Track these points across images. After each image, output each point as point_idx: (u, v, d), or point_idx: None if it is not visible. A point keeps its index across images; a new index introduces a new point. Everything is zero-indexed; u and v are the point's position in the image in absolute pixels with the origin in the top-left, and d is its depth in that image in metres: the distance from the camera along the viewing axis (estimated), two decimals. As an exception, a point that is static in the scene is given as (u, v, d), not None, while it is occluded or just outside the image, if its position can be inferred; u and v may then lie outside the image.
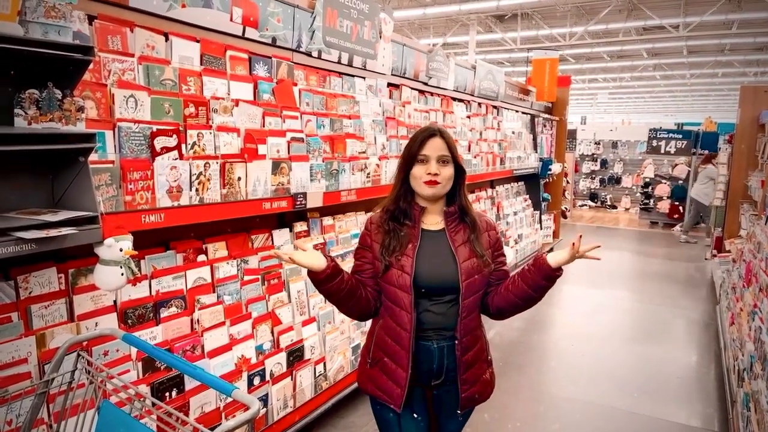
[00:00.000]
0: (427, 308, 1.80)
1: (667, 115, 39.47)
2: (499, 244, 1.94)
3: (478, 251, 1.82)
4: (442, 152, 1.78)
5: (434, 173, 1.77)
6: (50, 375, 1.63)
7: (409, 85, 4.89)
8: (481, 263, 1.82)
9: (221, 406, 2.50)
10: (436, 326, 1.80)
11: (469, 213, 1.87)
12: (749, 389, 2.91)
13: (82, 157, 1.84)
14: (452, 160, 1.81)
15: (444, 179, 1.79)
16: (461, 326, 1.80)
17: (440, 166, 1.78)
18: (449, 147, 1.80)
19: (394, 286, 1.79)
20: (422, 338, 1.80)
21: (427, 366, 1.80)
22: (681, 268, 8.17)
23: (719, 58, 19.19)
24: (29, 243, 1.63)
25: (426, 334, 1.80)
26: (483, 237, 1.87)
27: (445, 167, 1.79)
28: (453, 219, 1.86)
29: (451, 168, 1.81)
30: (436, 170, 1.77)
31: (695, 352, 4.79)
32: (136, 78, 2.35)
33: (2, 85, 1.72)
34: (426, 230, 1.86)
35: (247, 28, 3.00)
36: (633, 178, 15.05)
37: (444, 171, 1.79)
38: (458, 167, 1.84)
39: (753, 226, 5.03)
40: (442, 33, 17.08)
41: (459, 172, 1.85)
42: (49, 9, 1.73)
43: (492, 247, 1.89)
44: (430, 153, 1.78)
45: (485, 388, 1.90)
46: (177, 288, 2.54)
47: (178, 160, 2.32)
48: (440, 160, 1.78)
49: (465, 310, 1.80)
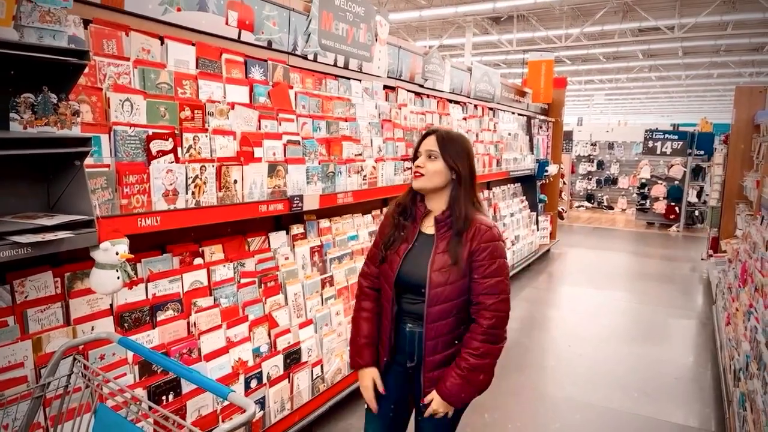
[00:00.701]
0: (408, 300, 1.90)
1: (663, 116, 39.58)
2: (486, 255, 1.82)
3: (453, 256, 1.81)
4: (430, 147, 1.87)
5: (418, 165, 1.87)
6: (46, 379, 1.63)
7: (405, 87, 4.90)
8: (455, 273, 1.80)
9: (218, 409, 2.50)
10: (414, 314, 1.89)
11: (461, 219, 1.85)
12: (745, 389, 2.92)
13: (77, 161, 1.84)
14: (441, 156, 1.86)
15: (428, 172, 1.86)
16: (427, 329, 1.84)
17: (427, 160, 1.87)
18: (439, 144, 1.87)
19: (383, 280, 1.94)
20: (403, 322, 1.92)
21: (403, 348, 1.92)
22: (677, 268, 8.20)
23: (714, 59, 19.26)
24: (25, 247, 1.63)
25: (404, 321, 1.92)
26: (466, 245, 1.82)
27: (431, 162, 1.87)
28: (443, 225, 1.88)
29: (440, 164, 1.86)
30: (421, 163, 1.87)
31: (692, 352, 4.80)
32: (131, 82, 2.35)
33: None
34: (422, 233, 1.92)
35: (243, 32, 3.01)
36: (629, 179, 15.10)
37: (429, 165, 1.86)
38: (457, 172, 1.87)
39: (749, 226, 5.05)
40: (438, 35, 17.12)
41: (459, 178, 1.87)
42: (44, 13, 1.73)
43: (472, 255, 1.82)
44: (422, 149, 1.90)
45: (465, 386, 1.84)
46: (173, 291, 2.54)
47: (174, 163, 2.32)
48: (427, 154, 1.88)
49: (431, 315, 1.83)
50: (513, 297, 6.23)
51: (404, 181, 4.11)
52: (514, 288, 6.70)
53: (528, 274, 7.49)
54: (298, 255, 3.36)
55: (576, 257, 8.98)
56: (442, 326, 1.83)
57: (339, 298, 3.52)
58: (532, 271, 7.66)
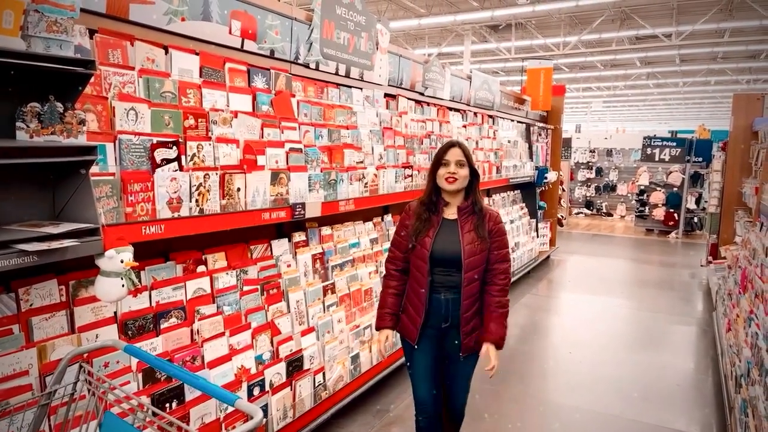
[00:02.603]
0: (439, 273, 2.42)
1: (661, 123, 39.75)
2: (498, 233, 2.47)
3: (480, 234, 2.41)
4: (459, 158, 2.42)
5: (452, 172, 2.40)
6: (52, 387, 1.63)
7: (405, 95, 4.93)
8: (482, 245, 2.40)
9: (221, 417, 2.50)
10: (446, 285, 2.42)
11: (478, 207, 2.46)
12: (747, 395, 2.93)
13: (83, 170, 1.86)
14: (468, 164, 2.43)
15: (460, 177, 2.41)
16: (464, 291, 2.40)
17: (457, 167, 2.41)
18: (465, 154, 2.43)
19: (417, 258, 2.45)
20: (435, 292, 2.43)
21: (438, 312, 2.43)
22: (677, 274, 8.21)
23: (712, 67, 19.38)
24: (31, 255, 1.64)
25: (438, 291, 2.43)
26: (485, 225, 2.44)
27: (461, 169, 2.42)
28: (465, 212, 2.46)
29: (467, 170, 2.43)
30: (454, 170, 2.41)
31: (693, 358, 4.80)
32: (136, 91, 2.37)
33: (4, 99, 1.74)
34: (445, 219, 2.48)
35: (246, 41, 3.04)
36: (628, 186, 15.13)
37: (460, 171, 2.41)
38: (473, 172, 2.47)
39: (748, 232, 5.07)
40: (437, 43, 17.21)
41: (474, 176, 2.47)
42: (50, 24, 1.75)
43: (490, 233, 2.44)
44: (450, 158, 2.42)
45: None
46: (177, 299, 2.55)
47: (178, 171, 2.34)
48: (458, 163, 2.41)
49: (467, 279, 2.39)
50: (513, 303, 6.27)
51: (405, 189, 4.12)
52: (514, 295, 6.70)
53: (528, 280, 7.50)
54: (300, 262, 3.37)
55: (576, 264, 8.99)
56: (472, 288, 2.41)
57: (341, 306, 3.52)
58: (532, 278, 7.66)
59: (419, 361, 2.51)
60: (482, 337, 2.42)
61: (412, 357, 2.54)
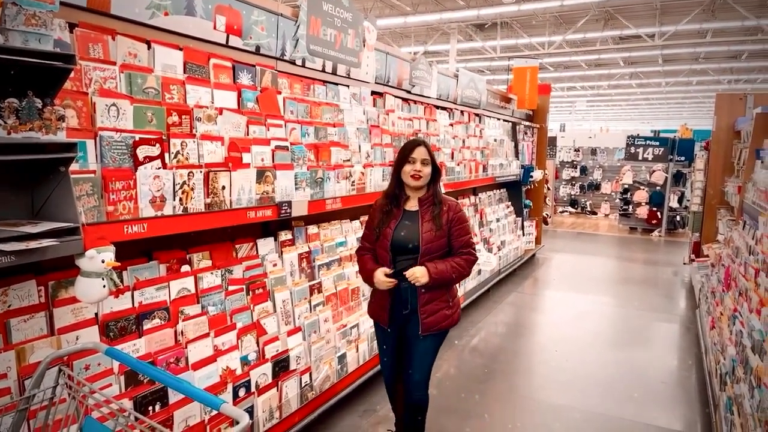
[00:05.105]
0: (401, 261, 2.65)
1: (644, 122, 40.21)
2: (458, 221, 2.68)
3: (437, 223, 2.64)
4: (425, 156, 2.66)
5: (418, 170, 2.64)
6: (31, 390, 1.58)
7: (392, 93, 4.91)
8: (440, 233, 2.64)
9: (206, 420, 2.45)
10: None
11: (438, 199, 2.70)
12: (732, 393, 2.95)
13: (62, 167, 1.80)
14: (431, 162, 2.67)
15: (425, 174, 2.66)
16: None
17: (422, 165, 2.65)
18: (429, 153, 2.68)
19: (380, 248, 2.71)
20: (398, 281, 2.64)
21: (399, 299, 2.69)
22: (660, 272, 8.30)
23: (694, 67, 19.63)
24: (9, 255, 1.59)
25: (399, 281, 2.63)
26: (444, 215, 2.66)
27: (425, 167, 2.66)
28: (425, 203, 2.71)
29: (430, 168, 2.67)
30: (419, 168, 2.64)
31: (677, 356, 4.85)
32: (117, 86, 2.31)
33: (-20, 94, 1.68)
34: (407, 210, 2.73)
35: (231, 37, 2.99)
36: (612, 185, 15.26)
37: (425, 169, 2.65)
38: (435, 168, 2.70)
39: (731, 231, 5.13)
40: (423, 41, 17.21)
41: (435, 172, 2.71)
42: (29, 17, 1.69)
43: (449, 222, 2.66)
44: (416, 156, 2.64)
45: (444, 319, 2.71)
46: (160, 299, 2.50)
47: (161, 169, 2.29)
48: (423, 161, 2.65)
49: (423, 263, 2.61)
50: (499, 302, 6.31)
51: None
52: (500, 293, 6.73)
53: (514, 279, 7.53)
54: (287, 261, 3.33)
55: (561, 262, 9.05)
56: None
57: (327, 305, 3.49)
58: (518, 276, 7.69)
59: (388, 341, 2.86)
60: (426, 266, 2.61)
61: (383, 338, 2.87)
